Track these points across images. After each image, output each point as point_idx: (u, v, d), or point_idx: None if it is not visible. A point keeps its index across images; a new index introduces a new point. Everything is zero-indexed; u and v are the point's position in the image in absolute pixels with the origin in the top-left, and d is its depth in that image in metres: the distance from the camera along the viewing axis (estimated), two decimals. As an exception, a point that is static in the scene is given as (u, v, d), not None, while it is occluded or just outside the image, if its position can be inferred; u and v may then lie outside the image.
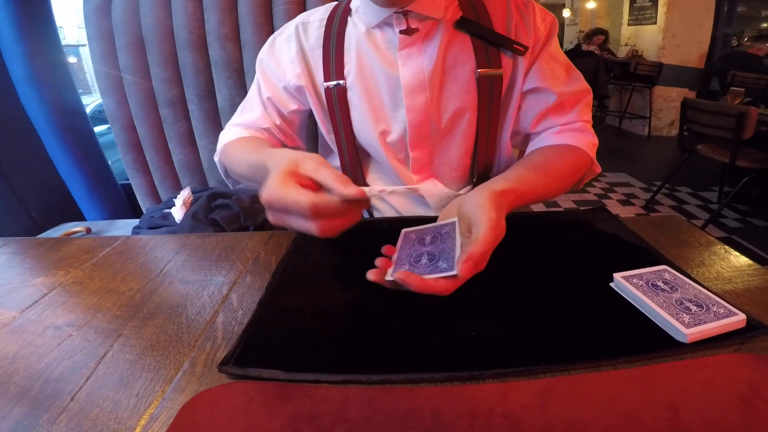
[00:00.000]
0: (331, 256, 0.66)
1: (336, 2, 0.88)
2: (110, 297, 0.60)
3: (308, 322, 0.52)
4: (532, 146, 0.88)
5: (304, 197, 0.45)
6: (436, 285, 0.47)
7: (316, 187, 0.49)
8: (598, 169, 0.87)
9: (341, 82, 0.81)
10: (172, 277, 0.64)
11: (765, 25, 6.90)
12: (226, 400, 0.41)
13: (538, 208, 3.46)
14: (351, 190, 0.46)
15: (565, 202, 3.63)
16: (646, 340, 0.47)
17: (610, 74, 5.92)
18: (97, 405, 0.42)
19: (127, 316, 0.55)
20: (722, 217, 3.29)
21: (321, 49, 0.83)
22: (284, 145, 0.93)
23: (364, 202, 0.48)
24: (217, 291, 0.59)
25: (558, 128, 0.84)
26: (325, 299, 0.56)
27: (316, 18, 0.86)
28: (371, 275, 0.50)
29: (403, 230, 0.62)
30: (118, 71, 1.36)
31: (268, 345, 0.48)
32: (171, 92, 1.36)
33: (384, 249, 0.57)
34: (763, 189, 3.26)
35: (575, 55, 5.66)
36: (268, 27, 1.26)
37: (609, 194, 3.84)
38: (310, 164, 0.49)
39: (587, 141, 0.83)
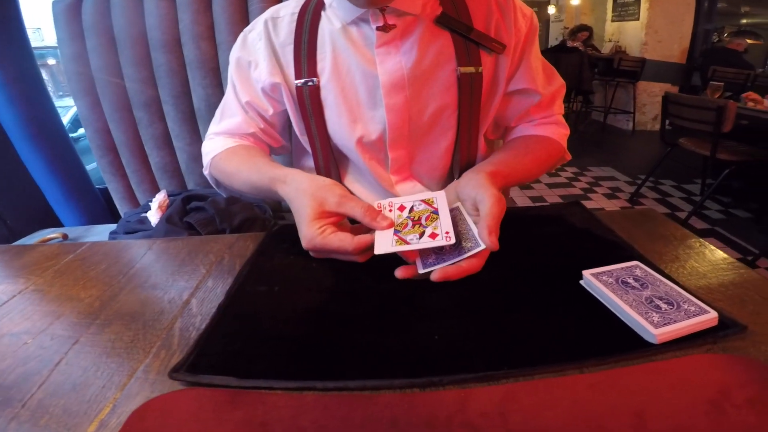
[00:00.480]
0: (296, 260, 0.65)
1: None
2: (69, 304, 0.59)
3: (266, 327, 0.50)
4: (510, 135, 0.91)
5: (346, 243, 0.51)
6: (470, 267, 0.49)
7: (342, 217, 0.56)
8: (569, 156, 0.91)
9: (314, 80, 0.78)
10: (133, 283, 0.63)
11: (744, 20, 6.97)
12: (176, 406, 0.40)
13: (524, 202, 3.47)
14: (383, 222, 0.53)
15: (551, 197, 3.65)
16: (614, 341, 0.45)
17: (594, 70, 5.94)
18: (47, 412, 0.41)
19: (85, 323, 0.54)
20: (705, 209, 3.32)
21: (292, 46, 0.80)
22: (270, 148, 0.91)
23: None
24: (178, 297, 0.58)
25: (536, 122, 0.87)
26: (286, 303, 0.55)
27: (286, 12, 0.81)
28: (400, 273, 0.51)
29: None
30: (89, 73, 1.33)
31: (223, 351, 0.46)
32: (145, 94, 1.34)
33: None
34: (744, 181, 3.30)
35: (560, 51, 5.67)
36: (243, 25, 1.22)
37: (594, 188, 3.86)
38: (333, 199, 0.55)
39: (560, 132, 0.88)
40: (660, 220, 0.75)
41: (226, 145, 0.83)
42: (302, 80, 0.78)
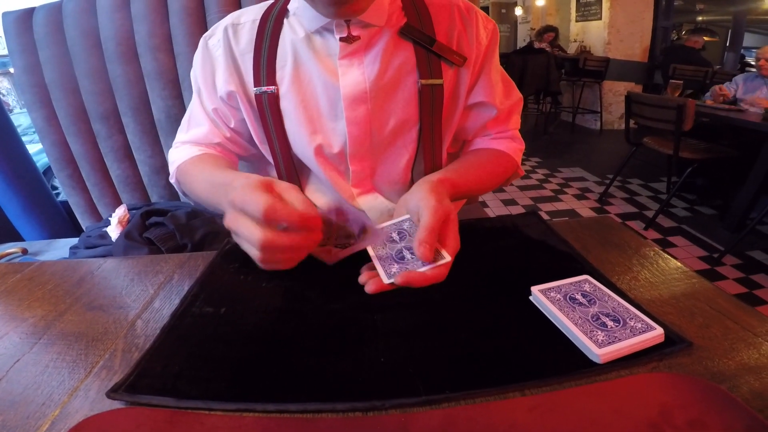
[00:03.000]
0: (245, 280, 0.64)
1: (271, 1, 0.82)
2: (12, 324, 0.58)
3: (209, 349, 0.50)
4: (467, 149, 0.91)
5: (263, 198, 0.43)
6: (434, 276, 0.48)
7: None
8: (522, 172, 0.92)
9: (273, 88, 0.76)
10: (80, 303, 0.62)
11: (700, 18, 7.19)
12: (113, 425, 0.40)
13: (496, 205, 3.51)
14: (310, 211, 0.44)
15: (523, 199, 3.70)
16: (559, 361, 0.45)
17: (561, 71, 6.05)
18: (-17, 427, 0.41)
19: (28, 342, 0.54)
20: (672, 207, 3.41)
21: (252, 54, 0.77)
22: (240, 158, 0.90)
23: (318, 235, 0.47)
24: (123, 317, 0.57)
25: (492, 136, 0.87)
26: (231, 325, 0.54)
27: (248, 19, 0.79)
28: (371, 287, 0.48)
29: (367, 227, 0.56)
30: (44, 85, 1.31)
31: (163, 372, 0.46)
32: (102, 106, 1.32)
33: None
34: (707, 178, 3.40)
35: (528, 52, 5.74)
36: (201, 35, 1.24)
37: (565, 189, 3.92)
38: (284, 185, 0.48)
39: (515, 147, 0.88)
40: (616, 228, 0.74)
41: (191, 154, 0.82)
42: (261, 88, 0.77)
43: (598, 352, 0.43)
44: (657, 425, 0.37)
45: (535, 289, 0.53)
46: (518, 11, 8.97)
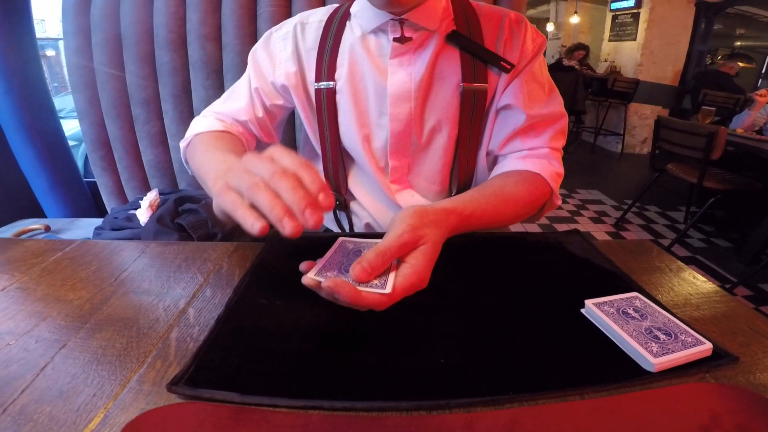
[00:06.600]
0: (296, 273, 0.62)
1: (337, 5, 0.87)
2: (57, 305, 0.57)
3: (268, 342, 0.49)
4: (496, 169, 0.85)
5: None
6: (369, 298, 0.45)
7: None
8: (558, 201, 0.84)
9: (331, 84, 0.82)
10: (126, 286, 0.61)
11: (739, 42, 7.05)
12: (174, 421, 0.39)
13: (515, 225, 3.48)
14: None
15: (540, 219, 3.65)
16: (614, 368, 0.47)
17: (588, 90, 5.99)
18: (31, 419, 0.39)
19: (74, 326, 0.52)
20: (688, 237, 3.37)
21: (316, 51, 0.83)
22: (259, 141, 0.92)
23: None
24: (174, 305, 0.57)
25: (525, 153, 0.82)
26: (288, 318, 0.54)
27: (315, 19, 0.86)
28: (304, 279, 0.47)
29: (340, 238, 0.56)
30: (91, 67, 1.33)
31: (223, 365, 0.45)
32: (145, 91, 1.34)
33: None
34: (728, 210, 3.34)
35: (556, 69, 5.69)
36: (251, 28, 1.25)
37: (581, 211, 3.89)
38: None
39: (551, 170, 0.79)
40: (655, 251, 0.76)
41: (213, 127, 0.84)
42: (321, 83, 0.82)
43: (653, 361, 0.46)
44: (708, 429, 0.39)
45: (589, 303, 0.55)
46: (549, 27, 8.92)
